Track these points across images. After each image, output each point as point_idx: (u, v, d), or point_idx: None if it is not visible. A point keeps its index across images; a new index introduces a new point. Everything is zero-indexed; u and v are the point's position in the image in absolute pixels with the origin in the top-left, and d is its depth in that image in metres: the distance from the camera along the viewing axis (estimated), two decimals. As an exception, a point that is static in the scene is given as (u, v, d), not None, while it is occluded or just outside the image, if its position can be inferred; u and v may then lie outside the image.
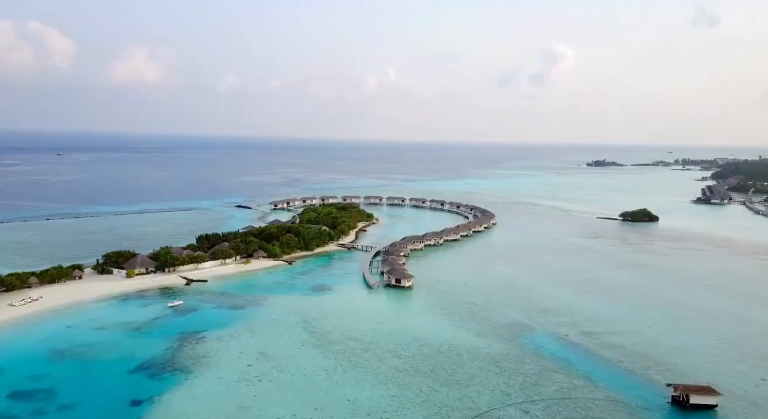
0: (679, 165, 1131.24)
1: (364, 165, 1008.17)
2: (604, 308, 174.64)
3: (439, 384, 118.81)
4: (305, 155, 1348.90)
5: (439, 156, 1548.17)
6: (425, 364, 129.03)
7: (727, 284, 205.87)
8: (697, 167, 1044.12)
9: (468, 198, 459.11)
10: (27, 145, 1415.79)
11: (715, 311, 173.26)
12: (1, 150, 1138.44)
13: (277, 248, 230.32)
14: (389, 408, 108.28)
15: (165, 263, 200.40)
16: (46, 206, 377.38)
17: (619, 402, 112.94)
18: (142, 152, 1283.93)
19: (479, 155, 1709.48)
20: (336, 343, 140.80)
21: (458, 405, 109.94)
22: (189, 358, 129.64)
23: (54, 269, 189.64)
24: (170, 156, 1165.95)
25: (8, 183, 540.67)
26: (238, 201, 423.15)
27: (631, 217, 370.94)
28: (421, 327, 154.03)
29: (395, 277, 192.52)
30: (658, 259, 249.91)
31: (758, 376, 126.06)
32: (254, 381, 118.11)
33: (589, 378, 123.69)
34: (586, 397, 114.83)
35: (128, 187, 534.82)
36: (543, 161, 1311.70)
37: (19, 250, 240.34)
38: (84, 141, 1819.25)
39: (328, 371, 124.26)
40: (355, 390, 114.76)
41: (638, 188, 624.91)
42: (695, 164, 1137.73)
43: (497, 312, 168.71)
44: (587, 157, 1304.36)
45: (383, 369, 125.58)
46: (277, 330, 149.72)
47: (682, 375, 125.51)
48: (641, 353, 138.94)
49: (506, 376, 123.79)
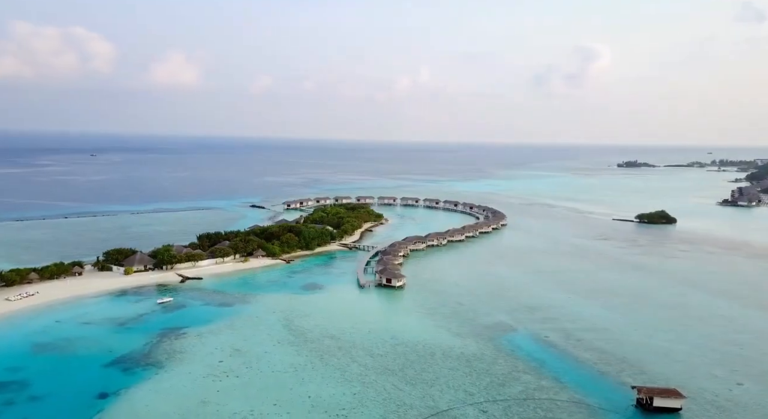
0: (715, 166, 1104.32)
1: (387, 166, 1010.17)
2: (594, 310, 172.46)
3: (404, 383, 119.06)
4: (332, 157, 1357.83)
5: (468, 157, 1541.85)
6: (396, 363, 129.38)
7: (728, 288, 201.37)
8: (734, 168, 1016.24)
9: (486, 199, 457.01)
10: (65, 146, 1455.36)
11: (708, 315, 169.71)
12: (40, 151, 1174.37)
13: (277, 247, 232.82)
14: (348, 405, 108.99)
15: (162, 260, 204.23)
16: (66, 205, 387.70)
17: (582, 404, 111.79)
18: (173, 153, 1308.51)
19: (509, 155, 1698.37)
20: (312, 341, 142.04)
21: (418, 404, 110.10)
22: (164, 353, 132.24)
23: (54, 266, 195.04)
24: (199, 157, 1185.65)
25: (38, 183, 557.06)
26: (254, 201, 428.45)
27: (648, 219, 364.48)
28: (401, 327, 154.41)
29: (386, 277, 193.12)
30: (664, 261, 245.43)
31: (734, 381, 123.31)
32: (221, 377, 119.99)
33: (558, 380, 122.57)
34: (550, 398, 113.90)
35: (150, 187, 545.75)
36: (573, 162, 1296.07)
37: (30, 247, 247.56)
38: (121, 143, 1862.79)
39: (297, 368, 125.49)
40: (318, 388, 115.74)
41: (664, 190, 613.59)
42: (733, 165, 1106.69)
43: (482, 313, 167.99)
44: (621, 158, 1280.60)
45: (352, 368, 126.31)
46: (258, 327, 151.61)
47: (655, 378, 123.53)
48: (620, 355, 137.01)
49: (474, 376, 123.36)
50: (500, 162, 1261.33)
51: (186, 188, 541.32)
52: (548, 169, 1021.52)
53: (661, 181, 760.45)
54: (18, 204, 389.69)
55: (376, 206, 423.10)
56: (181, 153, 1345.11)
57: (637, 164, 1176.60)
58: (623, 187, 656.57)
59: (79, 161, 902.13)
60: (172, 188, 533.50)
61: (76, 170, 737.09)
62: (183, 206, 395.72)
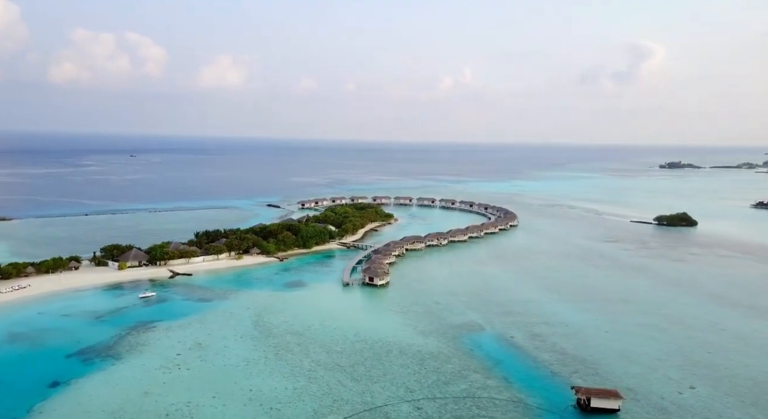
0: (766, 168, 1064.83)
1: (419, 166, 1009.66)
2: (572, 312, 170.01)
3: (349, 379, 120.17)
4: (366, 158, 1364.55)
5: (507, 158, 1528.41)
6: (349, 360, 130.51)
7: (724, 292, 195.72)
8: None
9: (507, 200, 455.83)
10: (113, 147, 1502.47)
11: (690, 319, 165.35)
12: (88, 152, 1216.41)
13: (272, 245, 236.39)
14: (286, 399, 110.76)
15: (155, 257, 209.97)
16: (91, 203, 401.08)
17: (521, 403, 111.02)
18: (213, 154, 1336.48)
19: (550, 156, 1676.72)
20: (275, 337, 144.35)
21: (354, 399, 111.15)
22: (127, 346, 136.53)
23: (52, 260, 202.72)
24: (236, 158, 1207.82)
25: (73, 182, 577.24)
26: (272, 201, 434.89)
27: (667, 221, 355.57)
28: (368, 324, 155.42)
29: (369, 275, 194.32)
30: (667, 264, 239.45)
31: (688, 384, 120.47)
32: (173, 369, 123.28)
33: (507, 379, 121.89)
34: (490, 397, 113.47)
35: (177, 186, 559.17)
36: (613, 163, 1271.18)
37: (41, 243, 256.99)
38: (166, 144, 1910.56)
39: (249, 362, 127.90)
40: (262, 382, 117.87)
41: (700, 192, 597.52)
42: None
43: (456, 312, 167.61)
44: (669, 159, 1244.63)
45: (304, 363, 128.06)
46: (228, 322, 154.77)
47: (607, 379, 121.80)
48: (580, 357, 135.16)
49: (422, 374, 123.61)
50: (538, 163, 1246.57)
51: (212, 187, 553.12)
52: (585, 170, 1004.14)
53: (701, 182, 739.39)
54: (46, 202, 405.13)
55: (392, 206, 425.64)
56: (220, 154, 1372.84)
57: (681, 165, 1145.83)
58: (657, 188, 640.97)
59: (119, 162, 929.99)
60: (199, 187, 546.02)
61: (113, 170, 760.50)
62: (202, 205, 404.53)
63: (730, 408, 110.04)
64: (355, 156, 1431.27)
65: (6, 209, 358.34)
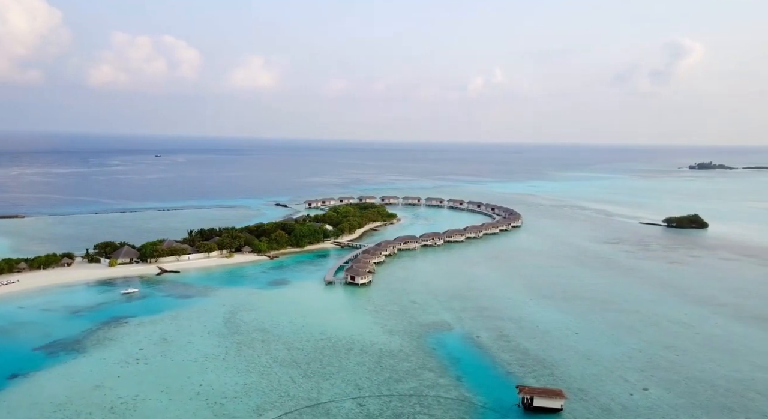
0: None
1: (439, 167, 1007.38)
2: (547, 313, 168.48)
3: (302, 376, 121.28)
4: (389, 158, 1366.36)
5: (533, 158, 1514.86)
6: (307, 357, 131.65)
7: (711, 295, 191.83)
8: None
9: (518, 200, 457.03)
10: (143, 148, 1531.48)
11: (666, 321, 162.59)
12: (117, 153, 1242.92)
13: (264, 243, 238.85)
14: (232, 394, 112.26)
15: (145, 254, 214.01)
16: (105, 202, 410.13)
17: (467, 402, 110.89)
18: (237, 155, 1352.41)
19: (579, 156, 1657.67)
20: (241, 333, 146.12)
21: (300, 395, 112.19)
22: (95, 340, 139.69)
23: (45, 257, 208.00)
24: (258, 158, 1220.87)
25: (95, 182, 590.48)
26: (282, 200, 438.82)
27: (677, 223, 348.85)
28: (338, 322, 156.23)
29: (351, 274, 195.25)
30: (662, 266, 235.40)
31: (642, 386, 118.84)
32: (131, 364, 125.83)
33: (459, 378, 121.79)
34: (437, 395, 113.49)
35: (193, 185, 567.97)
36: (641, 164, 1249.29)
37: (46, 240, 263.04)
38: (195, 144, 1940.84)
39: (208, 358, 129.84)
40: (215, 377, 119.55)
41: (723, 193, 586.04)
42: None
43: (430, 311, 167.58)
44: (704, 160, 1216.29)
45: (261, 359, 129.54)
46: (199, 318, 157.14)
47: (561, 380, 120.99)
48: (541, 358, 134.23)
49: (376, 372, 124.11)
50: (563, 163, 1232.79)
51: (226, 187, 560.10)
52: (610, 171, 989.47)
53: (728, 184, 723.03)
54: (63, 201, 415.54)
55: (400, 206, 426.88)
56: (243, 154, 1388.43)
57: (712, 166, 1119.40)
58: (679, 190, 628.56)
59: (144, 162, 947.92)
60: (213, 187, 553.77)
61: (136, 170, 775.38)
62: (211, 204, 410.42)
63: (677, 410, 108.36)
64: (377, 156, 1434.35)
65: (22, 207, 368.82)
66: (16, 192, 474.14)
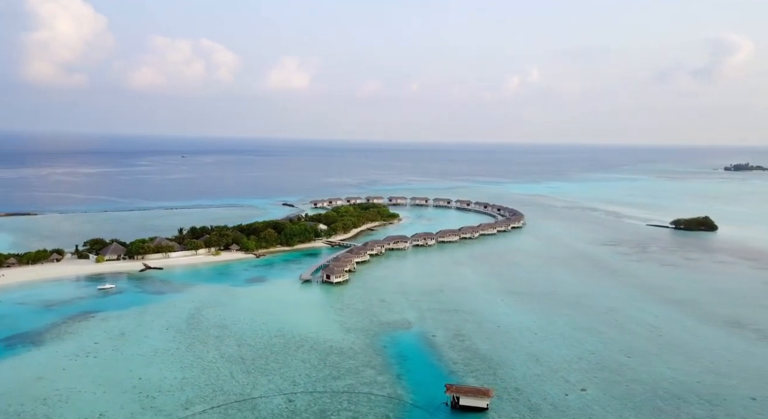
0: None
1: (461, 168, 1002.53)
2: (516, 313, 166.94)
3: (243, 372, 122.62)
4: (415, 158, 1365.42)
5: (560, 159, 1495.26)
6: (255, 353, 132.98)
7: (693, 298, 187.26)
8: None
9: (529, 201, 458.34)
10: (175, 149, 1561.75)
11: (634, 323, 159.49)
12: (147, 153, 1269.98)
13: (252, 242, 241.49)
14: (167, 388, 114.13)
15: (131, 251, 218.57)
16: (118, 201, 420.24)
17: (397, 400, 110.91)
18: (264, 156, 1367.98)
19: (609, 157, 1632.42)
20: (199, 329, 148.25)
21: (233, 390, 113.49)
22: (56, 333, 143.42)
23: (35, 252, 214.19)
24: (285, 159, 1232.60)
25: (117, 181, 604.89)
26: (294, 200, 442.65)
27: (685, 225, 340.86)
28: (298, 320, 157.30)
29: (326, 273, 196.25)
30: (651, 268, 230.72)
31: (581, 387, 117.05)
32: (81, 357, 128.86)
33: (399, 376, 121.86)
34: (369, 392, 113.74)
35: (209, 185, 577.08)
36: (673, 165, 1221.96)
37: (48, 236, 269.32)
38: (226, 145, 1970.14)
39: (158, 353, 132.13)
40: (156, 371, 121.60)
41: (751, 195, 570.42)
42: None
43: (395, 310, 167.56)
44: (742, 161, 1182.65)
45: (209, 355, 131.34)
46: (164, 314, 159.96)
47: (501, 380, 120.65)
48: (489, 358, 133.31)
49: (318, 368, 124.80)
50: (593, 164, 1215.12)
51: (241, 186, 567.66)
52: (638, 172, 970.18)
53: (761, 186, 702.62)
54: (78, 199, 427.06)
55: (408, 206, 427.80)
56: (274, 155, 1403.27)
57: (749, 167, 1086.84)
58: (704, 191, 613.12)
59: (169, 162, 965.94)
60: (228, 186, 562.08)
61: (160, 170, 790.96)
62: (220, 203, 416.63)
63: (606, 411, 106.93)
64: (403, 157, 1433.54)
65: (38, 205, 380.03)
66: (38, 191, 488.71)
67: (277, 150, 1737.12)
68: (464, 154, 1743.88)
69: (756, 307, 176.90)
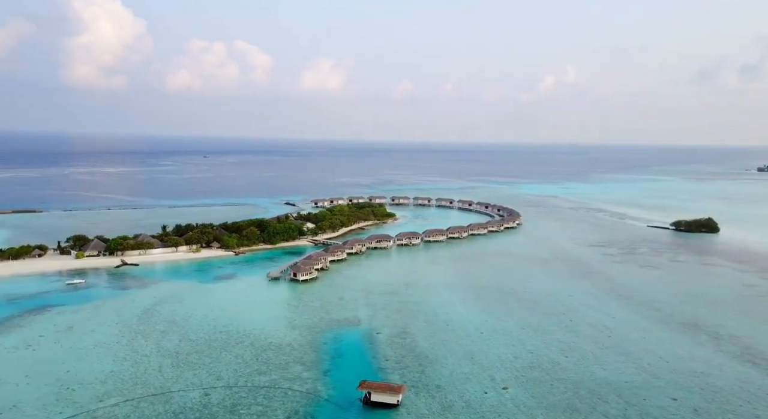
0: None
1: (478, 168, 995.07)
2: (470, 312, 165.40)
3: (173, 366, 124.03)
4: (436, 159, 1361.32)
5: (591, 159, 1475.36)
6: (192, 348, 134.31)
7: (659, 300, 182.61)
8: None
9: (535, 202, 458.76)
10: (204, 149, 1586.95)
11: (586, 324, 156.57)
12: (173, 153, 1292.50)
13: (234, 240, 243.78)
14: (91, 380, 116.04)
15: (110, 247, 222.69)
16: (123, 199, 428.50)
17: (314, 395, 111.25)
18: (288, 156, 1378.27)
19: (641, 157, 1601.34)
20: (147, 324, 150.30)
21: (155, 384, 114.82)
22: (7, 326, 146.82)
23: (18, 248, 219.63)
24: (307, 159, 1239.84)
25: (134, 180, 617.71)
26: (298, 199, 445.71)
27: (685, 226, 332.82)
28: (249, 316, 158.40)
29: (293, 271, 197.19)
30: (629, 270, 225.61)
31: (503, 385, 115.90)
32: (20, 349, 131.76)
33: (325, 373, 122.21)
34: (289, 388, 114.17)
35: (220, 184, 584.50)
36: (704, 166, 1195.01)
37: (43, 232, 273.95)
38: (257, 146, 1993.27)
39: (98, 346, 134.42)
40: (87, 365, 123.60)
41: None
42: None
43: (350, 308, 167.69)
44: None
45: (147, 349, 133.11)
46: (120, 309, 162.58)
47: (427, 377, 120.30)
48: (425, 355, 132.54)
49: (248, 364, 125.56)
50: (621, 165, 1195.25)
51: (250, 185, 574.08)
52: (664, 173, 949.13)
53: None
54: (86, 197, 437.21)
55: (411, 206, 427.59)
56: (298, 155, 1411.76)
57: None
58: (726, 193, 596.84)
59: (191, 162, 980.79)
60: (238, 186, 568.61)
61: (179, 169, 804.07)
62: (224, 202, 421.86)
63: (519, 408, 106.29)
64: (426, 158, 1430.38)
65: (44, 203, 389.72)
66: (53, 189, 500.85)
67: (304, 151, 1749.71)
68: (493, 155, 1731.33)
69: (722, 310, 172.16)
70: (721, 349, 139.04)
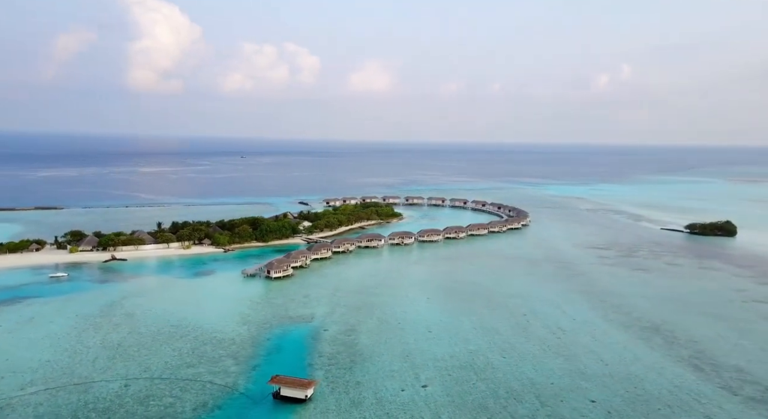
0: None
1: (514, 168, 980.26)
2: (433, 313, 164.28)
3: (108, 358, 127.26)
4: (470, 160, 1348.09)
5: (634, 160, 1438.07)
6: (138, 341, 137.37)
7: (632, 303, 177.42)
8: None
9: (561, 204, 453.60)
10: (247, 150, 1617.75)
11: (544, 326, 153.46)
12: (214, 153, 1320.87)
13: (225, 237, 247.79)
14: (23, 369, 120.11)
15: (101, 242, 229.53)
16: (144, 197, 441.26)
17: (229, 389, 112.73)
18: (322, 156, 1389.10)
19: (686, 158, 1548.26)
20: (105, 317, 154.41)
21: (82, 374, 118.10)
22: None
23: (18, 242, 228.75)
24: (340, 160, 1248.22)
25: (165, 180, 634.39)
26: (315, 199, 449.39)
27: (700, 229, 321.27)
28: (208, 311, 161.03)
29: (267, 268, 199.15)
30: (617, 273, 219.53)
31: (424, 384, 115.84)
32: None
33: (253, 368, 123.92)
34: (209, 381, 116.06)
35: (245, 183, 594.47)
36: (755, 167, 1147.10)
37: (54, 228, 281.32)
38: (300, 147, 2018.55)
39: (48, 337, 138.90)
40: (28, 354, 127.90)
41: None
42: None
43: (310, 305, 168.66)
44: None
45: (92, 341, 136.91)
46: (86, 302, 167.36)
47: (355, 374, 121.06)
48: (361, 353, 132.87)
49: (182, 357, 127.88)
50: (661, 166, 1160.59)
51: (273, 185, 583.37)
52: (709, 174, 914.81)
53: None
54: (109, 195, 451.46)
55: (425, 206, 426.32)
56: (330, 156, 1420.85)
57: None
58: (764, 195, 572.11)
59: (228, 162, 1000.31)
60: (261, 185, 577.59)
61: (213, 169, 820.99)
62: (240, 201, 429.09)
63: (429, 406, 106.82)
64: (465, 158, 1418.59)
65: (69, 200, 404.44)
66: (81, 187, 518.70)
67: (342, 151, 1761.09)
68: (534, 155, 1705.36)
69: (693, 315, 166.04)
70: (670, 353, 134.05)
